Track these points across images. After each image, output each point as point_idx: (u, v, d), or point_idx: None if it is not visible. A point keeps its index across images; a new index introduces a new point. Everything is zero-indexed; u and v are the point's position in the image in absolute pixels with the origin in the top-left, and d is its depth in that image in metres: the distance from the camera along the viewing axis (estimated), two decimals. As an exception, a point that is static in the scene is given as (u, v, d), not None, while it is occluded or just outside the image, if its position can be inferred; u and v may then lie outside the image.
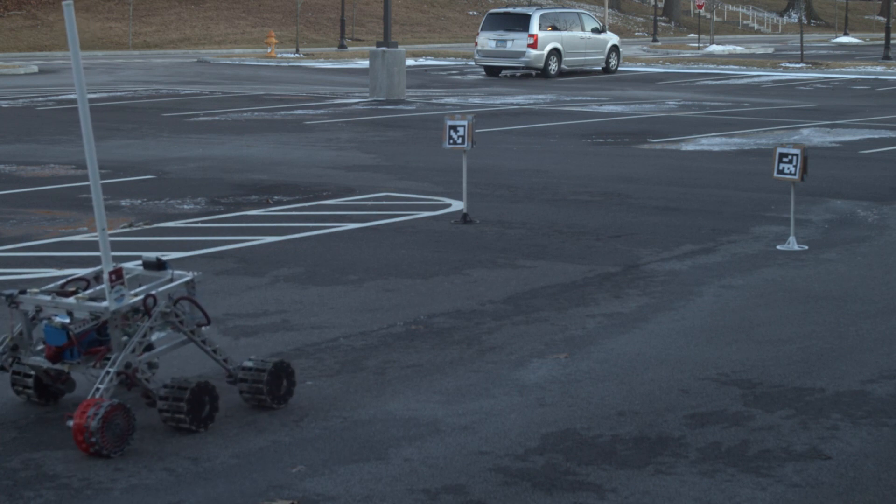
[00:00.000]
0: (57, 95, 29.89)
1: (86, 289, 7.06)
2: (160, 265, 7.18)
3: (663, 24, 74.84)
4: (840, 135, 22.14)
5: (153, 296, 6.82)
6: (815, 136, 21.96)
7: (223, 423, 6.85)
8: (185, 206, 14.02)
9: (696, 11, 70.52)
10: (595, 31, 41.68)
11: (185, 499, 5.87)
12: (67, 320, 6.79)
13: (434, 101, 29.17)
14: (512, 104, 28.37)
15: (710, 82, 37.34)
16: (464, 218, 13.05)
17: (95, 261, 10.91)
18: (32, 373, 7.14)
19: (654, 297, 9.85)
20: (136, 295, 6.84)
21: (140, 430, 6.72)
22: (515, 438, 6.65)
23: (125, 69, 41.62)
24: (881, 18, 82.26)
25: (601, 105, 28.24)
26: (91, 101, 28.24)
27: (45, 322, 6.86)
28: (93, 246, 11.68)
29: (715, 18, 71.20)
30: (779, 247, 11.78)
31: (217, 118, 24.56)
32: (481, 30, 39.90)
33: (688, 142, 20.96)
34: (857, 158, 18.88)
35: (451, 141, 12.99)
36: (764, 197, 14.70)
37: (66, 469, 6.22)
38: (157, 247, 11.60)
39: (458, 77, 39.31)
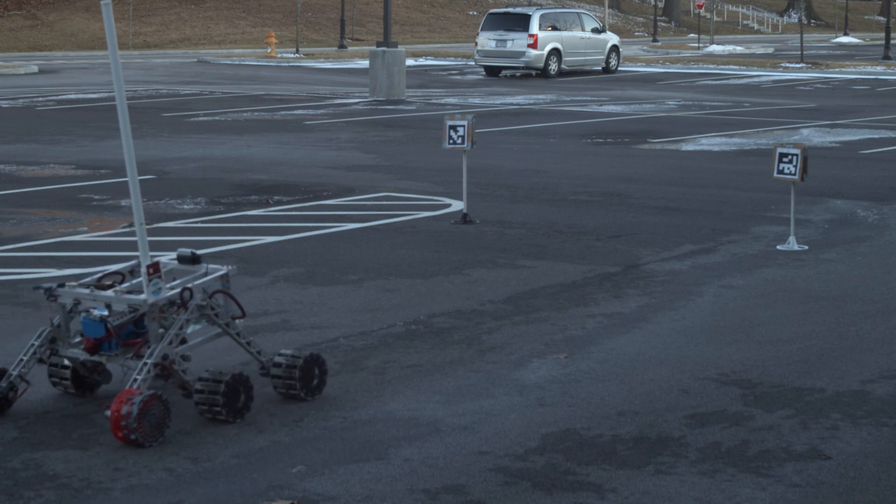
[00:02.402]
0: (57, 95, 29.89)
1: (122, 282, 7.20)
2: (195, 259, 7.34)
3: (663, 24, 74.83)
4: (840, 135, 22.14)
5: (190, 289, 6.98)
6: (815, 136, 21.96)
7: (223, 423, 6.85)
8: (185, 206, 14.02)
9: (696, 11, 70.50)
10: (595, 31, 41.67)
11: (185, 499, 5.87)
12: (105, 313, 6.93)
13: (434, 101, 29.17)
14: (512, 104, 28.37)
15: (710, 82, 37.33)
16: (464, 218, 13.05)
17: (95, 261, 10.94)
18: (69, 365, 7.26)
19: (654, 297, 9.85)
20: (172, 288, 7.00)
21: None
22: (515, 438, 6.65)
23: (125, 69, 41.56)
24: (881, 18, 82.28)
25: (601, 105, 28.23)
26: (91, 100, 28.27)
27: (83, 315, 6.99)
28: (92, 246, 11.69)
29: (715, 18, 71.20)
30: (779, 247, 11.77)
31: (217, 118, 24.56)
32: (481, 30, 39.89)
33: (688, 142, 20.96)
34: (857, 158, 18.88)
35: (451, 141, 12.99)
36: (764, 197, 14.70)
37: (66, 469, 6.22)
38: (157, 247, 11.59)
39: (458, 77, 39.31)
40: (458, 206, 13.91)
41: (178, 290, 6.97)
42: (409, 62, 40.15)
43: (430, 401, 7.28)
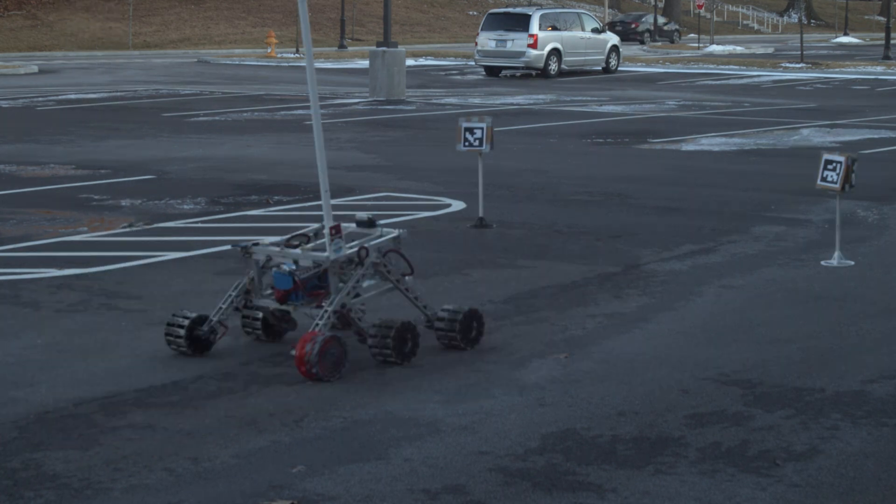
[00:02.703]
0: (57, 95, 29.90)
1: (307, 243, 8.20)
2: (371, 223, 8.32)
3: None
4: (840, 135, 22.14)
5: (366, 248, 7.99)
6: (815, 136, 21.96)
7: (223, 423, 6.86)
8: (185, 206, 14.02)
9: (696, 11, 70.52)
10: (595, 31, 41.69)
11: (185, 499, 5.87)
12: (294, 268, 7.92)
13: (434, 101, 29.17)
14: (512, 104, 28.37)
15: (710, 82, 37.34)
16: (480, 222, 12.75)
17: (96, 260, 10.94)
18: (260, 315, 8.30)
19: (654, 297, 9.85)
20: (350, 248, 7.97)
21: (140, 428, 6.74)
22: (515, 438, 6.64)
23: (125, 69, 41.62)
24: (881, 18, 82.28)
25: (601, 105, 28.24)
26: (91, 100, 28.28)
27: (274, 269, 7.96)
28: (92, 246, 11.69)
29: (715, 18, 71.21)
30: (822, 262, 11.20)
31: (217, 118, 24.56)
32: (481, 30, 39.90)
33: (688, 142, 20.96)
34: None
35: (467, 143, 12.82)
36: (764, 197, 14.70)
37: (66, 469, 6.22)
38: (157, 246, 11.60)
39: (458, 77, 39.31)
40: (458, 206, 13.92)
41: (356, 248, 7.92)
42: (409, 62, 40.14)
43: (430, 401, 7.28)
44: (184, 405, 7.17)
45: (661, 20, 68.45)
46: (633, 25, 66.62)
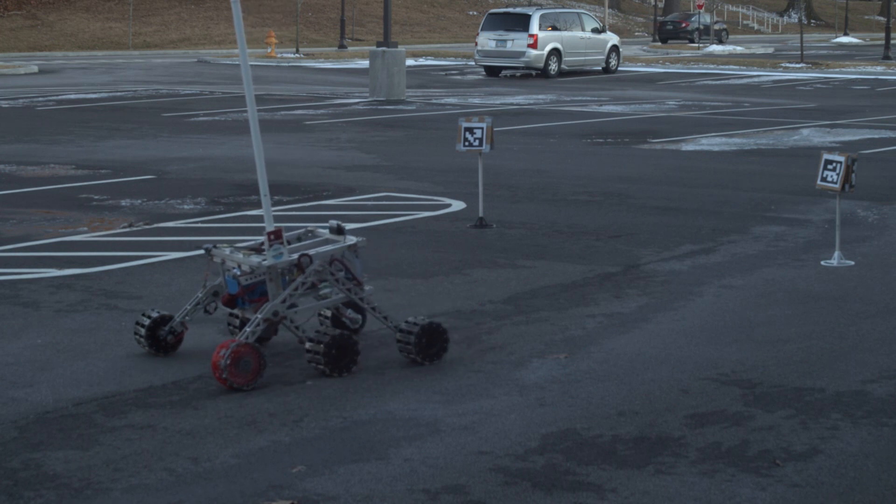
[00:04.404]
0: (57, 95, 29.89)
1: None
2: (340, 230, 8.14)
3: (663, 24, 74.76)
4: (840, 135, 22.14)
5: (308, 255, 7.74)
6: (815, 136, 21.96)
7: (223, 423, 6.86)
8: (185, 206, 14.02)
9: (697, 12, 70.49)
10: (595, 31, 41.69)
11: (185, 499, 5.87)
12: (238, 272, 7.79)
13: (434, 101, 29.17)
14: (512, 104, 28.37)
15: (710, 82, 37.33)
16: (480, 222, 12.78)
17: (95, 260, 10.94)
18: (238, 316, 8.18)
19: (654, 297, 9.85)
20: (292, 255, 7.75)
21: (140, 428, 6.74)
22: (515, 438, 6.65)
23: (125, 69, 41.61)
24: (881, 18, 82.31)
25: (601, 105, 28.24)
26: (91, 101, 28.28)
27: (227, 273, 7.87)
28: (92, 246, 11.69)
29: (715, 18, 71.18)
30: (823, 262, 11.25)
31: (217, 118, 24.55)
32: (481, 30, 39.91)
33: (688, 142, 20.96)
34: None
35: (467, 143, 12.79)
36: (764, 197, 14.70)
37: (66, 469, 6.22)
38: (157, 246, 11.60)
39: (458, 77, 39.32)
40: (458, 206, 13.91)
41: (296, 255, 7.69)
42: (409, 62, 40.16)
43: (430, 401, 7.28)
44: (184, 405, 7.17)
45: (709, 20, 68.56)
46: (683, 25, 66.71)
